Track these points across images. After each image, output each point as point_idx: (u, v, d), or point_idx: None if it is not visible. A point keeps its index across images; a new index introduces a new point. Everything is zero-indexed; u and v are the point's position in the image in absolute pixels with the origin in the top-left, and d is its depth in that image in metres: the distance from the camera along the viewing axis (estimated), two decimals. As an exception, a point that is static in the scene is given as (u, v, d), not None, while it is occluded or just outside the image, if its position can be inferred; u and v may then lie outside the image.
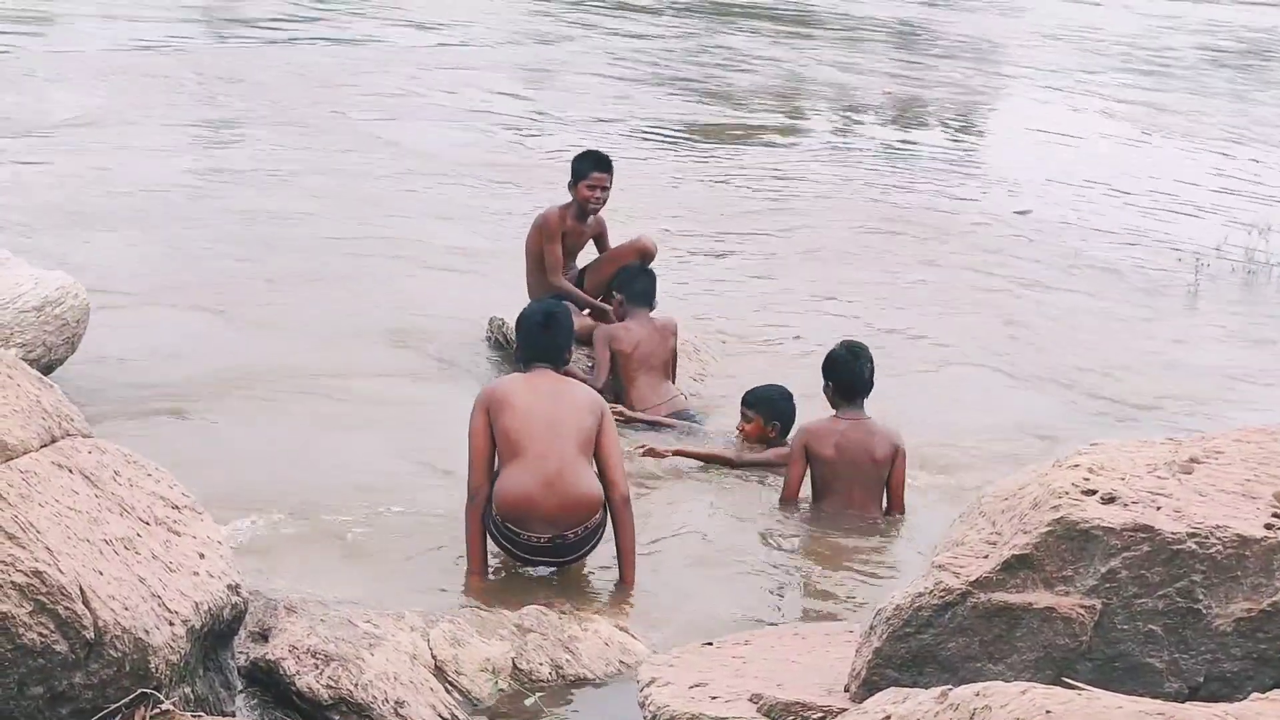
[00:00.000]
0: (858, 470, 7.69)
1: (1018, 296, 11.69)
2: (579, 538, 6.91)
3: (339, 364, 9.18)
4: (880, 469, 7.71)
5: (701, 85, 18.24)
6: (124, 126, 14.25)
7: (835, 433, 7.71)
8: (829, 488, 7.72)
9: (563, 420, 6.86)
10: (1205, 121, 18.47)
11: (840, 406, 7.78)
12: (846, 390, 7.76)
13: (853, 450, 7.69)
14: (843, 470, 7.68)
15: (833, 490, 7.71)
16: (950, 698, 3.94)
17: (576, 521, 6.86)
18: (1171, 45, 23.31)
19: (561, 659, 6.05)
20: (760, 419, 8.40)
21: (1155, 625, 4.39)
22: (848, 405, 7.76)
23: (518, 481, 6.81)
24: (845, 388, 7.76)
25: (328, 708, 5.34)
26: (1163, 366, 10.48)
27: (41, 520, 4.57)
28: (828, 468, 7.70)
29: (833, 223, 13.14)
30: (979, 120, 18.99)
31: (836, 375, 7.78)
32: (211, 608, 4.91)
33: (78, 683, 4.53)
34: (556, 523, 6.83)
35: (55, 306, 8.25)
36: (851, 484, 7.69)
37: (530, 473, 6.80)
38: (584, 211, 9.51)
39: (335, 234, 11.68)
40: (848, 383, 7.75)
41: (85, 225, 11.32)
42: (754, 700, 4.73)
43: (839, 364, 7.79)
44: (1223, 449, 4.76)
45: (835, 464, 7.69)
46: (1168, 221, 13.92)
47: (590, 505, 6.88)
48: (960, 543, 4.65)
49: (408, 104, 16.13)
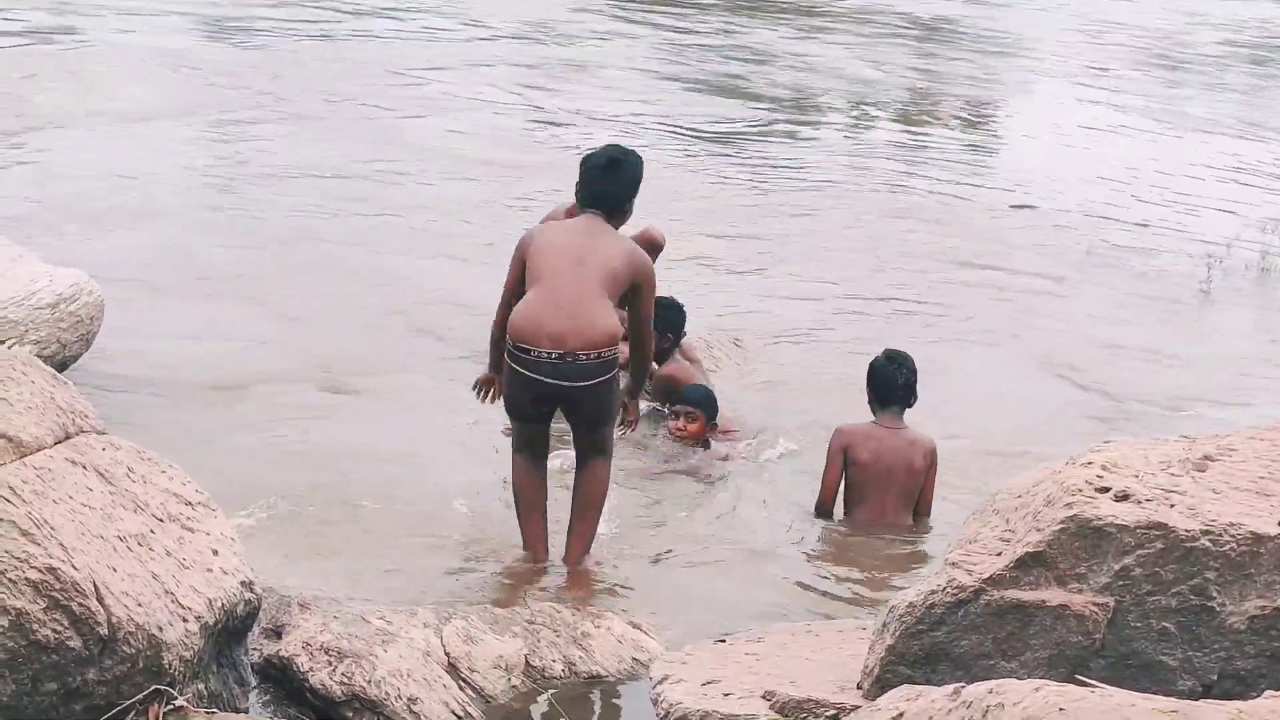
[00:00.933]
0: (893, 479, 7.69)
1: (1031, 292, 11.67)
2: (590, 361, 6.73)
3: (355, 358, 9.20)
4: (916, 479, 7.71)
5: (728, 82, 18.21)
6: (143, 121, 14.27)
7: (873, 439, 7.71)
8: (862, 493, 7.70)
9: (590, 259, 6.77)
10: (1222, 116, 18.43)
11: (878, 413, 7.79)
12: (883, 398, 7.78)
13: (889, 458, 7.69)
14: (878, 477, 7.67)
15: (866, 497, 7.69)
16: (963, 695, 3.94)
17: (587, 345, 6.71)
18: (1197, 40, 23.25)
19: (574, 656, 6.05)
20: (704, 417, 8.49)
21: (1169, 623, 4.39)
22: (885, 412, 7.77)
23: (529, 303, 6.77)
24: (882, 395, 7.78)
25: (341, 704, 5.34)
26: (1176, 364, 10.46)
27: (56, 517, 4.58)
28: (863, 473, 7.69)
29: (841, 217, 13.11)
30: (1004, 115, 18.91)
31: (874, 383, 7.82)
32: (225, 604, 4.92)
33: (91, 679, 4.54)
34: (564, 342, 6.71)
35: (69, 303, 8.26)
36: (885, 492, 7.67)
37: (543, 296, 6.74)
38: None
39: (353, 227, 11.69)
40: (884, 390, 7.78)
41: (100, 221, 11.33)
42: (767, 697, 4.74)
43: (877, 372, 7.83)
44: (1236, 446, 4.76)
45: (871, 470, 7.68)
46: (1181, 218, 13.89)
47: (603, 334, 6.73)
48: (973, 540, 4.65)
49: (435, 97, 16.08)
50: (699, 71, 18.52)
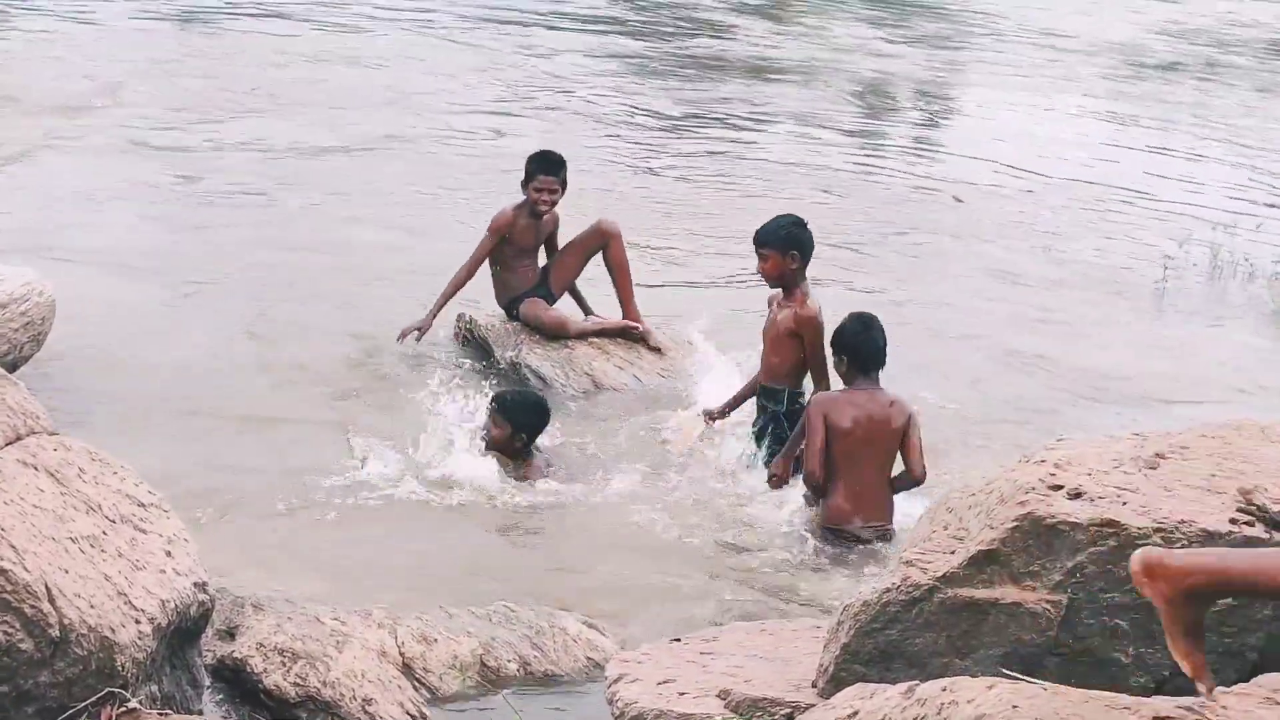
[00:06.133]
0: (875, 443, 7.53)
1: (984, 291, 11.70)
2: None
3: (308, 360, 9.15)
4: (896, 439, 7.55)
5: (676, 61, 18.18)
6: (124, 109, 14.23)
7: (853, 405, 7.53)
8: (846, 460, 7.52)
9: None
10: (1175, 119, 18.51)
11: (855, 380, 7.59)
12: (862, 362, 7.57)
13: (870, 424, 7.53)
14: (860, 443, 7.51)
15: (850, 462, 7.51)
16: (917, 693, 3.95)
17: None
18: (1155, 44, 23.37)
19: (529, 656, 6.05)
20: (510, 425, 8.14)
21: (1122, 620, 4.41)
22: (863, 378, 7.58)
23: None
24: (861, 360, 7.57)
25: (295, 705, 5.33)
26: (1129, 363, 10.50)
27: (6, 518, 4.55)
28: (846, 440, 7.51)
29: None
30: (960, 106, 18.90)
31: (850, 348, 7.59)
32: (178, 605, 4.90)
33: (43, 681, 4.52)
34: None
35: (20, 304, 8.21)
36: (869, 457, 7.52)
37: None
38: (535, 211, 9.45)
39: (310, 229, 11.62)
40: (864, 355, 7.57)
41: (55, 220, 11.25)
42: (722, 696, 4.75)
43: (852, 336, 7.60)
44: (1188, 444, 4.79)
45: (853, 436, 7.51)
46: (1135, 219, 13.94)
47: None
48: (927, 538, 4.67)
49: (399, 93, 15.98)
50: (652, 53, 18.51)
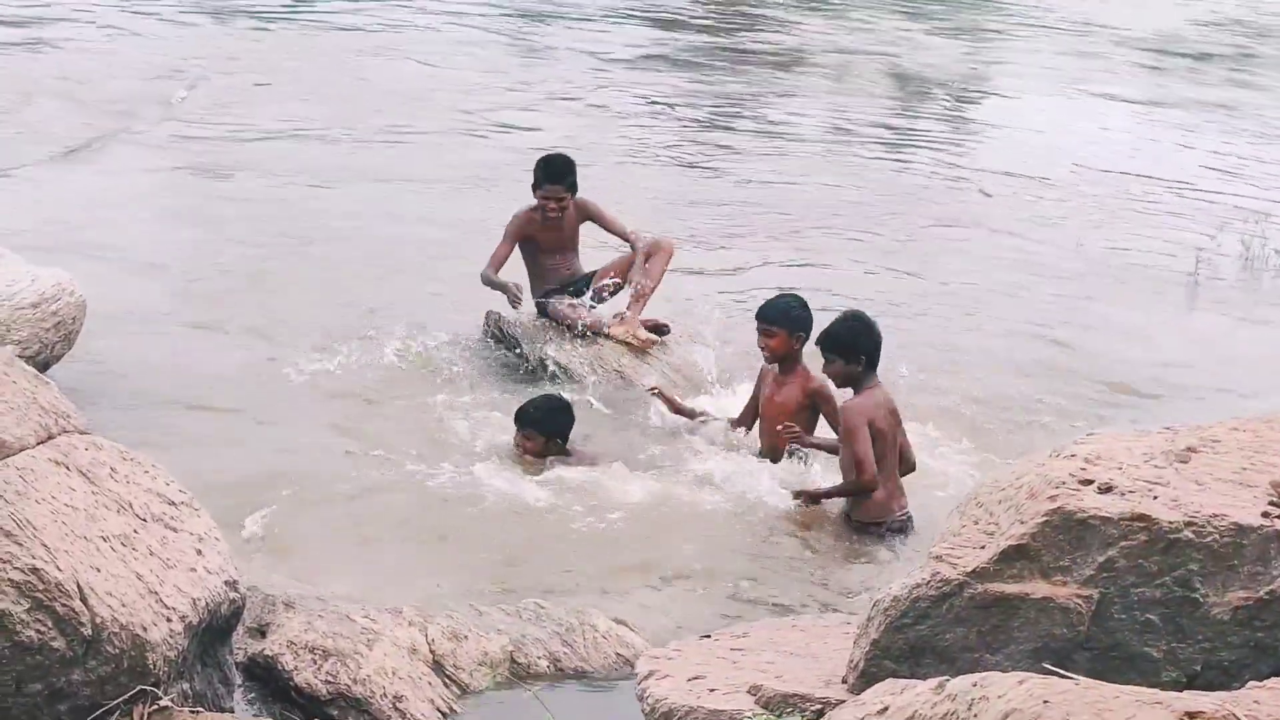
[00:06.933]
0: (894, 437, 7.64)
1: (1018, 284, 11.67)
2: None
3: (338, 360, 9.16)
4: (900, 428, 7.69)
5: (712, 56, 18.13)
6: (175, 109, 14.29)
7: (879, 405, 7.61)
8: (881, 458, 7.59)
9: None
10: (1208, 110, 18.41)
11: (867, 378, 7.64)
12: (873, 359, 7.64)
13: (890, 418, 7.63)
14: (889, 439, 7.61)
15: (883, 459, 7.58)
16: (948, 688, 3.94)
17: None
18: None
19: (559, 652, 6.05)
20: (543, 435, 8.16)
21: (1153, 614, 4.40)
22: (873, 374, 7.66)
23: None
24: (873, 357, 7.64)
25: (326, 703, 5.35)
26: (1160, 355, 10.47)
27: (39, 517, 4.57)
28: (881, 440, 7.59)
29: (809, 209, 13.07)
30: (990, 102, 18.83)
31: (866, 349, 7.63)
32: (209, 604, 4.91)
33: (76, 680, 4.54)
34: None
35: (52, 303, 8.24)
36: (891, 449, 7.62)
37: None
38: (545, 217, 9.37)
39: (337, 230, 11.62)
40: (875, 351, 7.64)
41: (83, 223, 11.28)
42: (752, 692, 4.74)
43: (865, 338, 7.64)
44: (1219, 438, 4.77)
45: (885, 434, 7.60)
46: (1168, 209, 13.89)
47: None
48: (957, 533, 4.66)
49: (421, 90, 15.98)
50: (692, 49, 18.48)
